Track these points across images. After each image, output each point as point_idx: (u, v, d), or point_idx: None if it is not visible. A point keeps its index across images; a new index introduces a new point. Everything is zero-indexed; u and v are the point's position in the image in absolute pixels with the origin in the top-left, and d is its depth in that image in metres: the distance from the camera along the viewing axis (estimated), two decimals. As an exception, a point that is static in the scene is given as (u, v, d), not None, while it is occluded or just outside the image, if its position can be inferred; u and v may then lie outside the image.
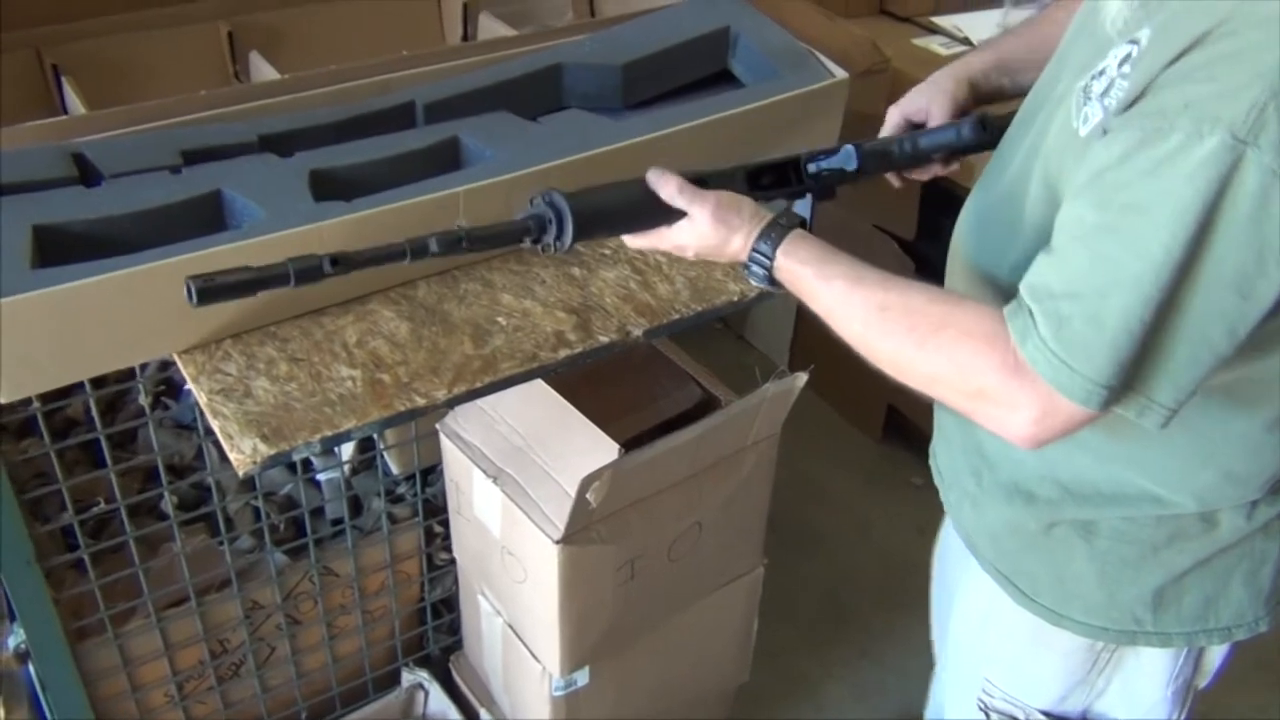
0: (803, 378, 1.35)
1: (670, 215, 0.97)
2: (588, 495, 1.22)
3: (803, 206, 1.15)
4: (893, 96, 2.21)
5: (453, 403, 1.08)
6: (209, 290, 0.82)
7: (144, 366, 1.36)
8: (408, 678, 1.66)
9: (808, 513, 2.27)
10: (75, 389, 1.18)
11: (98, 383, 1.19)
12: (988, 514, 1.04)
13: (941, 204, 2.08)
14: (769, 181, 1.05)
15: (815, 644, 2.02)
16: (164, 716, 1.48)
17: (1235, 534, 0.94)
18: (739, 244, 0.95)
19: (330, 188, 1.12)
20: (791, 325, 2.46)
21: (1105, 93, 0.78)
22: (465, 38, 1.64)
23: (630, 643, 1.47)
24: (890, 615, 2.06)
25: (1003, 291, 0.92)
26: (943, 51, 2.12)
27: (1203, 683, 1.11)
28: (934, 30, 2.17)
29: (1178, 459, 0.91)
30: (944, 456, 1.13)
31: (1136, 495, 0.94)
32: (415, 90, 1.33)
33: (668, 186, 0.96)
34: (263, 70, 1.43)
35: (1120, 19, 0.81)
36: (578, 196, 0.94)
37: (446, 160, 1.21)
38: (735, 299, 1.24)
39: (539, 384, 1.22)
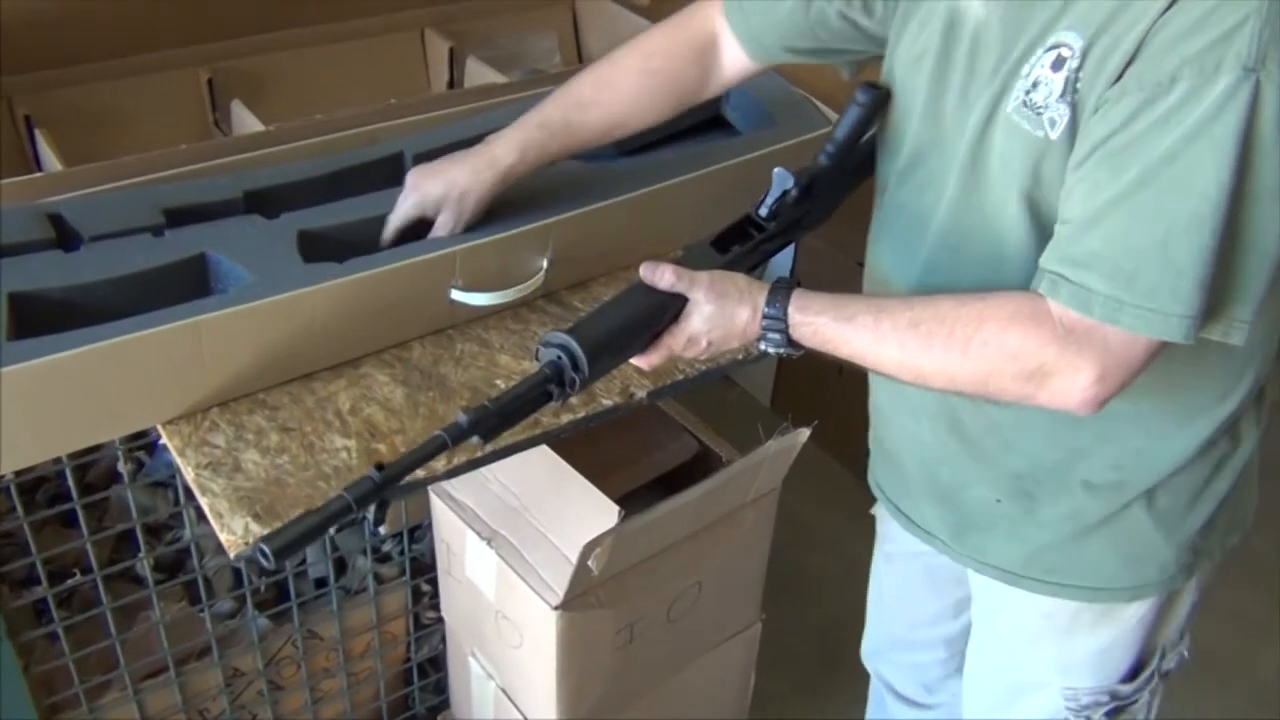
0: (805, 433, 1.32)
1: (670, 309, 0.94)
2: (589, 562, 1.18)
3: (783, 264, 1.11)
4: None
5: (453, 473, 1.04)
6: (285, 548, 0.79)
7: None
8: (394, 740, 1.60)
9: (795, 555, 2.23)
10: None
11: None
12: (1034, 533, 1.03)
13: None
14: (735, 241, 1.02)
15: (809, 690, 1.99)
16: (141, 791, 1.42)
17: (1251, 440, 1.00)
18: (746, 316, 0.93)
19: (319, 248, 1.08)
20: (775, 362, 2.44)
21: (1064, 93, 0.81)
22: (451, 82, 1.60)
23: (628, 704, 1.42)
24: (883, 660, 2.03)
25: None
26: (927, 90, 2.10)
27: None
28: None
29: (1215, 379, 0.94)
30: (945, 509, 1.10)
31: (1184, 440, 0.96)
32: (404, 140, 1.29)
33: (664, 274, 0.93)
34: (244, 119, 1.38)
35: (995, 26, 0.86)
36: (579, 327, 0.91)
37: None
38: (740, 357, 1.20)
39: (547, 453, 1.18)
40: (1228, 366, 0.93)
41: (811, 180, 1.06)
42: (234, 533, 0.94)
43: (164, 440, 1.03)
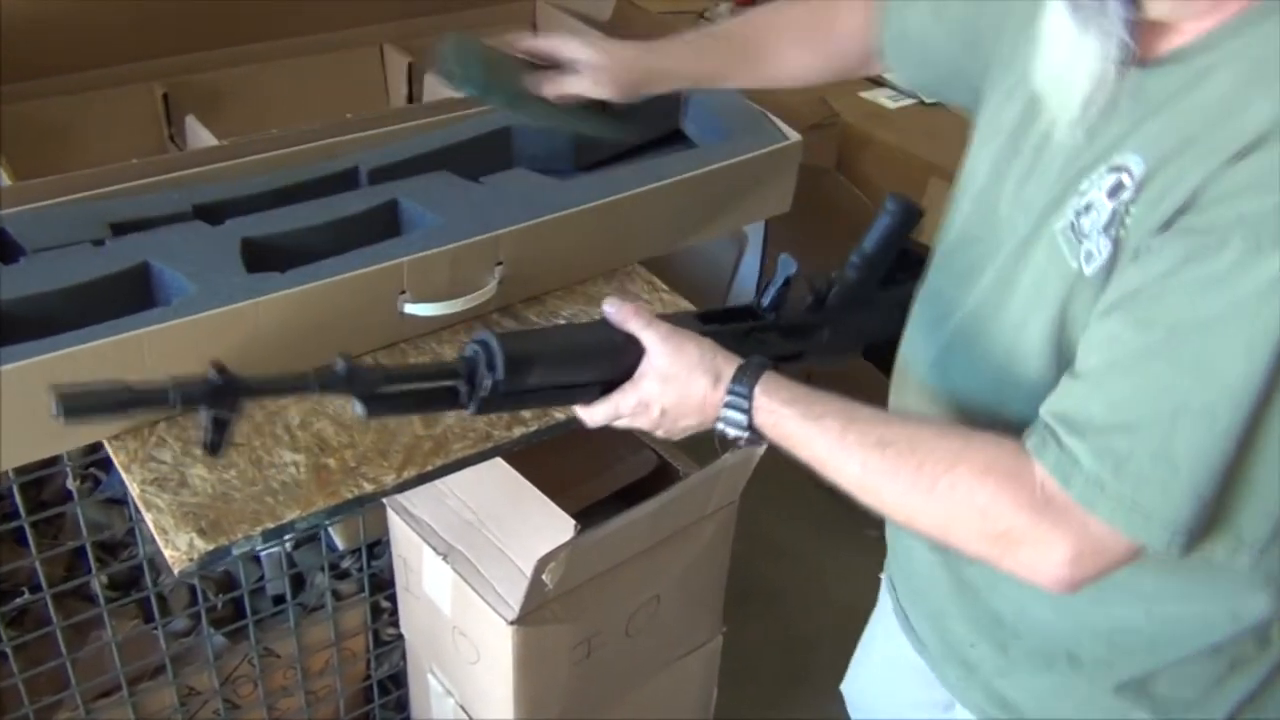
0: (762, 447, 1.32)
1: (622, 352, 0.85)
2: (544, 576, 1.18)
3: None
4: (843, 150, 2.20)
5: (402, 487, 1.03)
6: (75, 408, 0.69)
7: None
8: (354, 759, 1.59)
9: (760, 568, 2.23)
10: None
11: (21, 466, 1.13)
12: (1023, 683, 0.93)
13: (901, 261, 2.08)
14: (722, 320, 0.95)
15: (773, 704, 1.98)
16: (93, 813, 1.40)
17: None
18: (705, 386, 0.84)
19: (263, 257, 1.07)
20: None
21: (1109, 225, 0.72)
22: (410, 98, 1.60)
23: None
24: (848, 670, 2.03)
25: (998, 424, 0.83)
26: (890, 105, 2.12)
27: None
28: (881, 83, 2.17)
29: (1235, 579, 0.81)
30: (932, 629, 1.01)
31: (1191, 631, 0.85)
32: (360, 155, 1.28)
33: (625, 311, 0.86)
34: (199, 134, 1.38)
35: (1077, 132, 0.77)
36: (511, 334, 0.84)
37: (385, 225, 1.17)
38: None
39: (500, 465, 1.18)
40: (1258, 570, 0.79)
41: (829, 287, 0.99)
42: (178, 548, 0.94)
43: (111, 455, 1.02)
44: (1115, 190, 0.72)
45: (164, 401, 0.71)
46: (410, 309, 1.13)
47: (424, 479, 1.04)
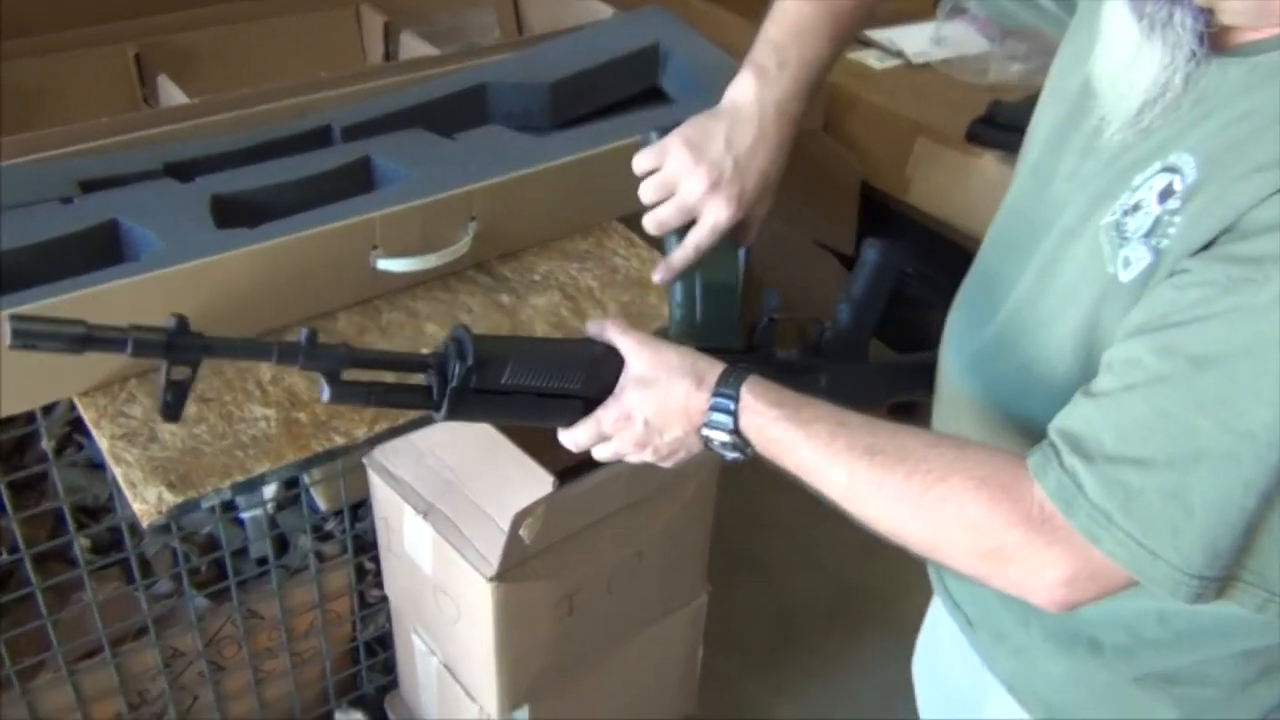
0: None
1: (601, 364, 0.82)
2: (521, 531, 1.18)
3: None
4: (829, 111, 2.18)
5: (373, 441, 1.03)
6: (27, 333, 0.67)
7: (50, 407, 1.29)
8: (341, 719, 1.59)
9: (752, 538, 2.23)
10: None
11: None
12: (1040, 664, 0.90)
13: (879, 217, 2.07)
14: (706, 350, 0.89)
15: (764, 670, 1.99)
16: (80, 774, 1.40)
17: None
18: (686, 389, 0.79)
19: (233, 213, 1.06)
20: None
21: (1151, 233, 0.67)
22: (387, 58, 1.59)
23: (571, 679, 1.42)
24: (840, 639, 2.03)
25: (1015, 434, 0.81)
26: (876, 65, 2.10)
27: None
28: (868, 44, 2.15)
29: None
30: (966, 592, 0.98)
31: (1222, 632, 0.80)
32: (333, 113, 1.27)
33: (601, 322, 0.83)
34: (172, 94, 1.37)
35: (1127, 133, 0.71)
36: (489, 335, 0.81)
37: (357, 181, 1.17)
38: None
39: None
40: None
41: (821, 332, 0.97)
42: (147, 502, 0.93)
43: (80, 412, 1.02)
44: (1165, 194, 0.67)
45: (120, 345, 0.69)
46: (383, 264, 1.12)
47: (395, 433, 1.03)
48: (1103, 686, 0.87)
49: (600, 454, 0.87)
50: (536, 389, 0.82)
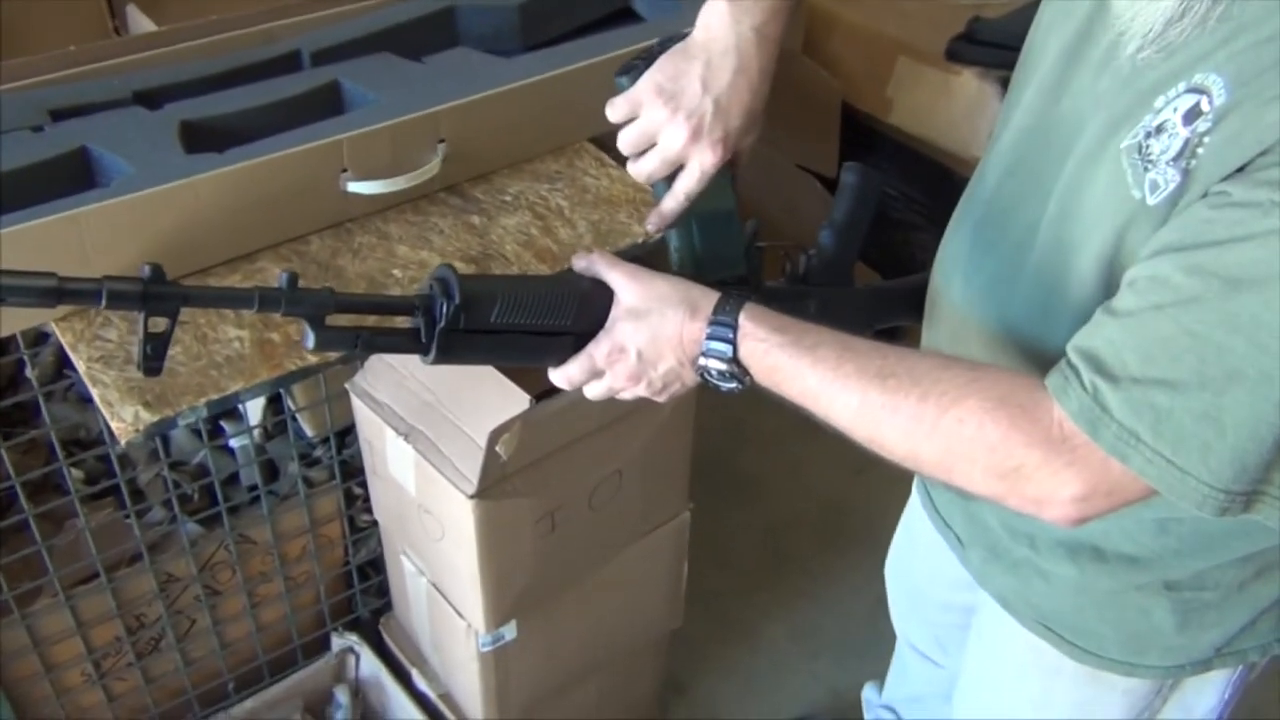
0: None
1: (590, 300, 0.81)
2: (497, 448, 1.20)
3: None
4: (809, 32, 2.16)
5: (347, 359, 1.05)
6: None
7: (43, 338, 1.31)
8: (337, 642, 1.63)
9: (739, 458, 2.26)
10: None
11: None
12: (1040, 577, 0.93)
13: (861, 140, 2.07)
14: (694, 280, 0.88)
15: (751, 588, 2.03)
16: (82, 696, 1.45)
17: None
18: (680, 318, 0.78)
19: (202, 138, 1.07)
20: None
21: (1180, 155, 0.65)
22: (358, -17, 1.58)
23: (557, 594, 1.45)
24: (826, 556, 2.07)
25: (1031, 359, 0.81)
26: (857, -17, 2.08)
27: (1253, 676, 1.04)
28: (848, -37, 2.13)
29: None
30: (957, 510, 1.01)
31: (1226, 538, 0.83)
32: (301, 39, 1.28)
33: (588, 256, 0.81)
34: (141, 24, 1.37)
35: (1148, 51, 0.69)
36: (474, 275, 0.80)
37: (326, 105, 1.17)
38: (640, 240, 1.21)
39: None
40: None
41: (807, 259, 0.96)
42: (124, 420, 0.96)
43: (57, 336, 1.04)
44: (1191, 116, 0.65)
45: (94, 298, 0.67)
46: (353, 187, 1.13)
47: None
48: (1104, 595, 0.89)
49: (593, 392, 0.86)
50: (526, 327, 0.81)
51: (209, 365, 1.01)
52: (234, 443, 1.51)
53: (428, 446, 1.29)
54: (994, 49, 1.80)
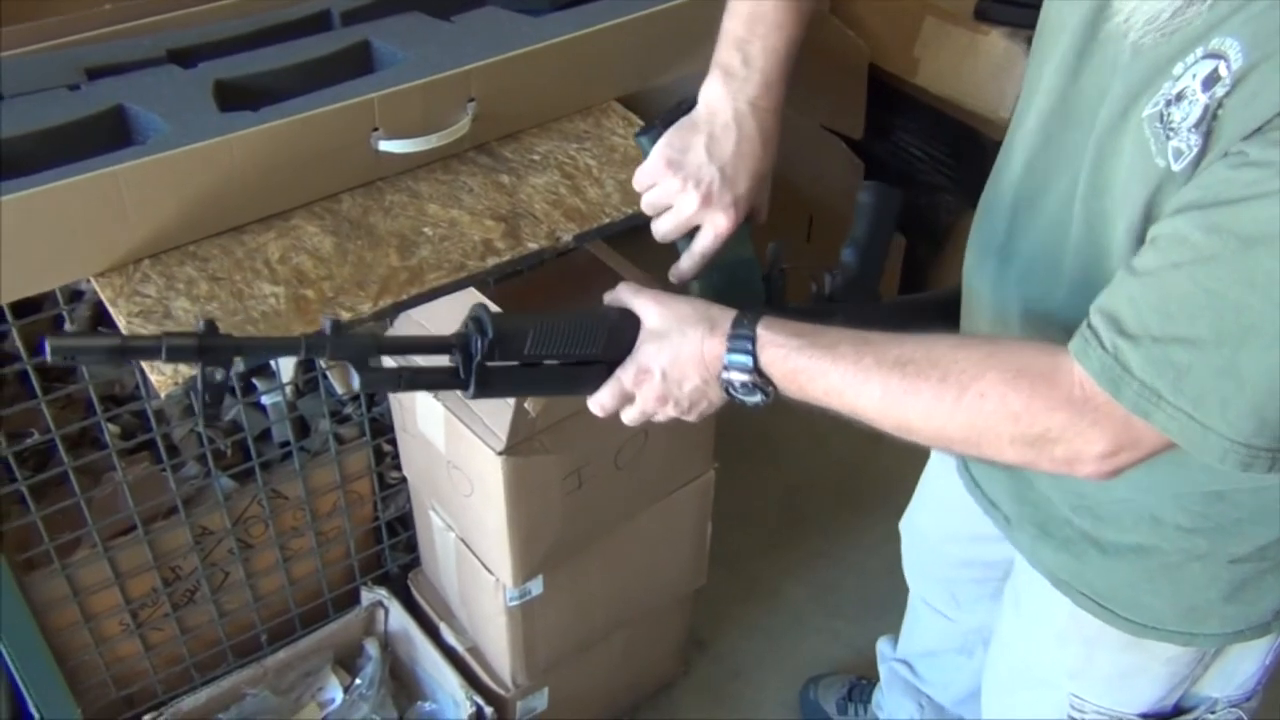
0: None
1: (619, 329, 0.84)
2: (526, 405, 1.22)
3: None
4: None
5: (379, 315, 1.06)
6: (65, 350, 0.72)
7: (78, 294, 1.34)
8: (367, 596, 1.67)
9: (761, 421, 2.27)
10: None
11: (22, 311, 1.17)
12: (1096, 551, 0.94)
13: (888, 101, 2.06)
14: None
15: (773, 548, 2.05)
16: (120, 645, 1.48)
17: None
18: (700, 334, 0.82)
19: (236, 97, 1.08)
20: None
21: (1201, 120, 0.66)
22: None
23: (583, 551, 1.47)
24: (847, 517, 2.09)
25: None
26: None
27: None
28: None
29: None
30: (1004, 491, 1.02)
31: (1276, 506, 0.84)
32: (332, -2, 1.28)
33: (616, 288, 0.84)
34: (173, -18, 1.37)
35: (1157, 22, 0.69)
36: (509, 313, 0.83)
37: (356, 64, 1.18)
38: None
39: (475, 295, 1.20)
40: None
41: (831, 277, 0.99)
42: (164, 373, 0.97)
43: (97, 291, 1.06)
44: (1210, 81, 0.65)
45: (154, 353, 0.73)
46: (385, 145, 1.14)
47: (400, 308, 1.07)
48: (1158, 568, 0.91)
49: (628, 417, 0.90)
50: (558, 356, 0.85)
51: (245, 320, 1.03)
52: (266, 399, 1.53)
53: (456, 404, 1.31)
54: (1023, 9, 1.78)
